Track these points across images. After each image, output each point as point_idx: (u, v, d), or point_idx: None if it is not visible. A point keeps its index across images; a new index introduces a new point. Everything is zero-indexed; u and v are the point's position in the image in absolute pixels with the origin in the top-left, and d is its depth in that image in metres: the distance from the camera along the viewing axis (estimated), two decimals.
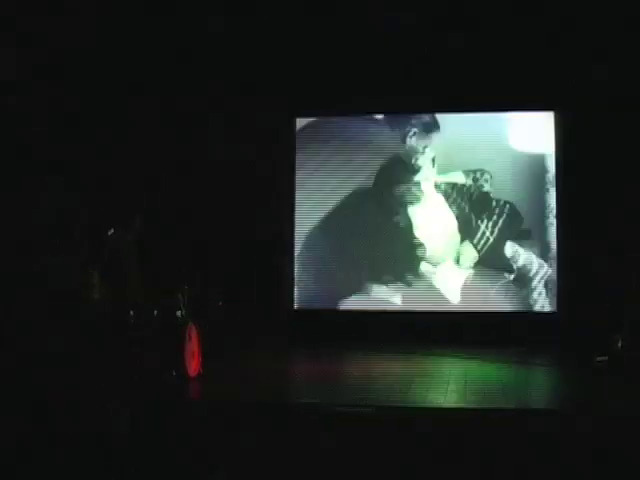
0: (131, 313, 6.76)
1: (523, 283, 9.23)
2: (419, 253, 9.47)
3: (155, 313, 6.84)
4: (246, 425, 5.53)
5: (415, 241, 9.49)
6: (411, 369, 7.45)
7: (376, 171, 9.60)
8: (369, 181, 9.62)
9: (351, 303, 9.55)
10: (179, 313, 6.92)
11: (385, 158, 9.58)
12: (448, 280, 9.38)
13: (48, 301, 7.87)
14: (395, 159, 9.55)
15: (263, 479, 5.30)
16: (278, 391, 6.55)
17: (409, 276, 9.47)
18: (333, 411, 5.67)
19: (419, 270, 9.45)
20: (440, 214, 9.45)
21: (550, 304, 9.15)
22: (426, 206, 9.48)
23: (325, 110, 9.62)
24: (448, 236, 9.42)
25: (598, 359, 7.58)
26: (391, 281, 9.50)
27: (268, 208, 9.46)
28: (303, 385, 6.76)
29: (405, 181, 9.53)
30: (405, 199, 9.52)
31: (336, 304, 9.59)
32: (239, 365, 7.68)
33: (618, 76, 8.69)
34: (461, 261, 9.36)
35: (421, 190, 9.50)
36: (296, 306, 9.69)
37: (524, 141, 9.32)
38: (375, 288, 9.53)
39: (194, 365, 6.88)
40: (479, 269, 9.32)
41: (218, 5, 9.17)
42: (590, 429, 5.29)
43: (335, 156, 9.68)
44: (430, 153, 9.49)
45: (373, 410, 5.67)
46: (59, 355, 6.93)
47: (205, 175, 9.41)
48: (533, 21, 8.83)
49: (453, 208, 9.42)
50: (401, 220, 9.52)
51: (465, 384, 6.74)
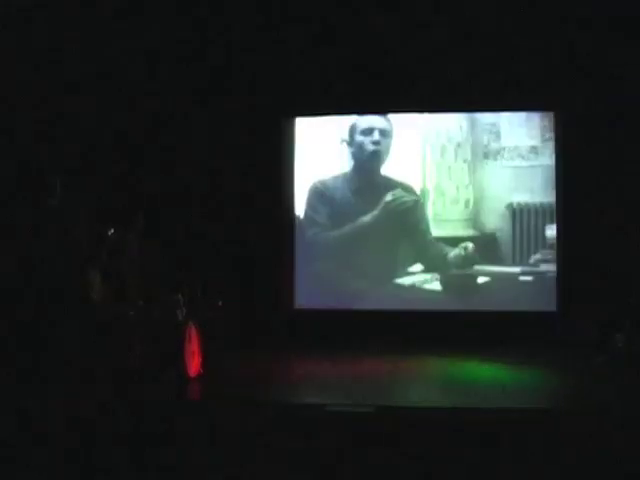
0: (131, 313, 6.76)
1: (523, 283, 9.22)
2: (419, 253, 9.46)
3: (155, 313, 6.85)
4: (246, 425, 5.53)
5: (415, 241, 9.48)
6: (411, 369, 7.44)
7: (377, 171, 9.60)
8: (370, 181, 9.62)
9: (351, 303, 9.55)
10: (179, 313, 6.92)
11: (386, 158, 9.58)
12: (448, 280, 9.37)
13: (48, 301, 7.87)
14: (396, 159, 9.55)
15: (263, 479, 5.31)
16: (278, 391, 6.55)
17: (409, 276, 9.47)
18: (333, 411, 5.67)
19: (419, 270, 9.44)
20: (440, 214, 9.45)
21: (550, 304, 9.14)
22: (426, 206, 9.48)
23: (325, 110, 9.62)
24: (448, 236, 9.41)
25: (598, 359, 7.59)
26: (391, 281, 9.50)
27: (268, 208, 9.46)
28: (303, 385, 6.75)
29: (405, 181, 9.54)
30: (405, 199, 9.51)
31: (336, 304, 9.58)
32: (239, 365, 7.68)
33: (618, 76, 8.70)
34: (461, 261, 9.35)
35: (421, 190, 9.50)
36: (296, 306, 9.69)
37: (524, 141, 9.31)
38: (375, 288, 9.53)
39: (194, 365, 6.88)
40: (479, 268, 9.32)
41: (217, 4, 9.20)
42: (590, 429, 5.30)
43: (335, 156, 9.68)
44: (430, 153, 9.48)
45: (373, 410, 5.67)
46: (59, 355, 6.93)
47: (205, 175, 9.41)
48: (533, 21, 8.83)
49: (453, 208, 9.42)
50: (401, 220, 9.52)
51: (465, 384, 6.73)
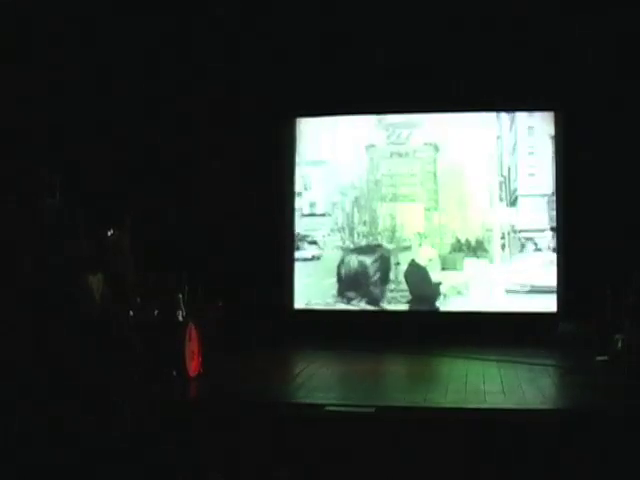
0: (131, 313, 6.76)
1: (523, 282, 9.22)
2: (420, 253, 9.46)
3: (155, 313, 6.85)
4: (246, 425, 5.53)
5: (415, 241, 9.48)
6: (411, 369, 7.45)
7: (377, 171, 9.59)
8: (370, 180, 9.61)
9: (351, 303, 9.55)
10: (179, 313, 6.92)
11: (386, 158, 9.58)
12: (448, 280, 9.37)
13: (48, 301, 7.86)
14: (396, 159, 9.55)
15: (263, 479, 5.31)
16: (278, 391, 6.55)
17: (409, 276, 9.47)
18: (333, 411, 5.67)
19: (419, 270, 9.43)
20: (440, 214, 9.44)
21: (550, 304, 9.13)
22: (426, 206, 9.47)
23: (325, 110, 9.62)
24: (448, 236, 9.41)
25: (598, 359, 7.59)
26: (391, 281, 9.50)
27: (268, 208, 9.46)
28: (303, 385, 6.75)
29: (405, 181, 9.53)
30: (405, 199, 9.51)
31: (336, 304, 9.58)
32: (239, 365, 7.68)
33: (618, 76, 8.70)
34: (461, 260, 9.35)
35: (420, 190, 9.50)
36: (296, 306, 9.69)
37: (524, 140, 9.31)
38: (375, 287, 9.53)
39: (194, 365, 6.88)
40: (479, 268, 9.32)
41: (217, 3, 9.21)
42: (590, 429, 5.30)
43: (336, 156, 9.68)
44: (430, 153, 9.48)
45: (373, 410, 5.67)
46: (59, 356, 6.92)
47: (205, 175, 9.41)
48: (533, 21, 8.83)
49: (453, 207, 9.42)
50: (401, 220, 9.52)
51: (465, 384, 6.73)
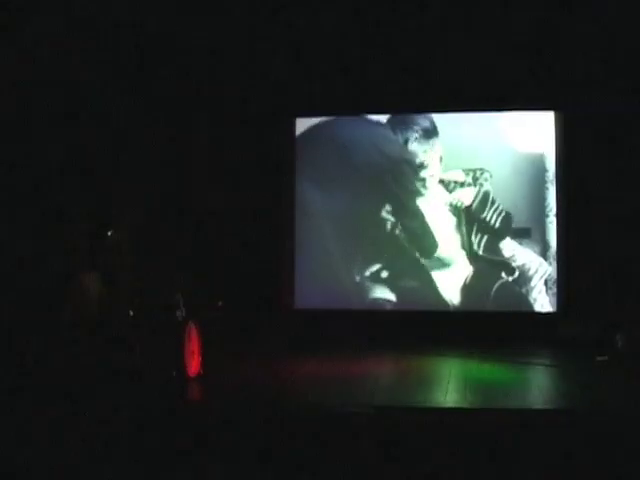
0: (131, 313, 6.76)
1: (523, 282, 9.21)
2: (419, 253, 9.46)
3: (155, 313, 6.84)
4: (246, 425, 5.53)
5: (415, 242, 9.48)
6: (411, 369, 7.44)
7: (377, 172, 9.58)
8: (370, 182, 9.61)
9: (351, 303, 9.55)
10: (179, 313, 6.92)
11: (386, 159, 9.57)
12: (448, 280, 9.37)
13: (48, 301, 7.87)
14: (396, 160, 9.54)
15: (263, 479, 5.31)
16: (278, 391, 6.55)
17: (409, 276, 9.47)
18: (333, 411, 5.67)
19: (419, 270, 9.44)
20: (440, 214, 9.44)
21: (550, 304, 9.14)
22: (426, 206, 9.47)
23: (325, 110, 9.61)
24: (448, 236, 9.41)
25: (598, 359, 7.59)
26: (391, 281, 9.50)
27: (268, 208, 9.46)
28: (303, 385, 6.75)
29: (405, 182, 9.52)
30: (405, 199, 9.51)
31: (336, 304, 9.58)
32: (239, 365, 7.68)
33: (618, 75, 8.69)
34: (461, 261, 9.35)
35: (420, 190, 9.49)
36: (296, 306, 9.68)
37: (524, 140, 9.30)
38: (375, 288, 9.53)
39: (194, 365, 6.87)
40: (479, 268, 9.32)
41: (217, 3, 9.20)
42: (590, 429, 5.30)
43: (336, 157, 9.67)
44: (431, 154, 9.48)
45: (373, 410, 5.67)
46: (59, 355, 6.93)
47: (205, 175, 9.41)
48: (533, 20, 8.83)
49: (453, 207, 9.42)
50: (401, 221, 9.52)
51: (465, 384, 6.73)
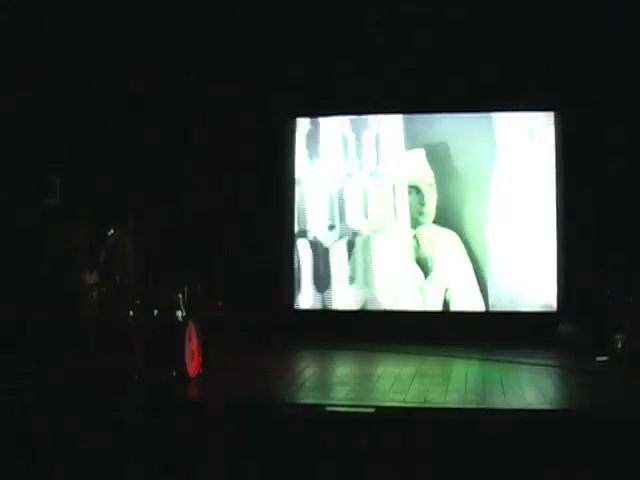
0: (131, 313, 6.76)
1: (523, 282, 9.21)
2: (419, 253, 9.46)
3: (155, 313, 6.85)
4: (246, 425, 5.53)
5: (414, 241, 9.48)
6: (411, 369, 7.44)
7: (376, 171, 9.59)
8: (370, 181, 9.61)
9: (351, 303, 9.56)
10: (179, 313, 6.92)
11: (386, 158, 9.58)
12: (448, 280, 9.37)
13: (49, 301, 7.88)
14: (396, 159, 9.56)
15: (263, 479, 5.31)
16: (278, 391, 6.55)
17: (409, 276, 9.47)
18: (333, 411, 5.67)
19: (419, 270, 9.44)
20: (440, 214, 9.45)
21: (550, 304, 9.13)
22: (426, 206, 9.47)
23: (325, 110, 9.62)
24: (448, 235, 9.41)
25: (598, 359, 7.58)
26: (391, 281, 9.50)
27: (268, 208, 9.46)
28: (303, 385, 6.75)
29: (404, 181, 9.54)
30: (405, 199, 9.52)
31: (336, 304, 9.59)
32: (239, 365, 7.68)
33: (618, 75, 8.70)
34: (461, 261, 9.35)
35: (420, 189, 9.50)
36: (296, 306, 9.69)
37: (524, 140, 9.30)
38: (375, 287, 9.53)
39: (194, 365, 6.88)
40: (479, 268, 9.32)
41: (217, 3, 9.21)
42: (590, 429, 5.30)
43: (335, 156, 9.68)
44: (429, 153, 9.48)
45: (373, 410, 5.67)
46: (59, 355, 6.94)
47: (205, 175, 9.41)
48: (533, 20, 8.83)
49: (453, 207, 9.42)
50: (401, 220, 9.52)
51: (465, 384, 6.73)
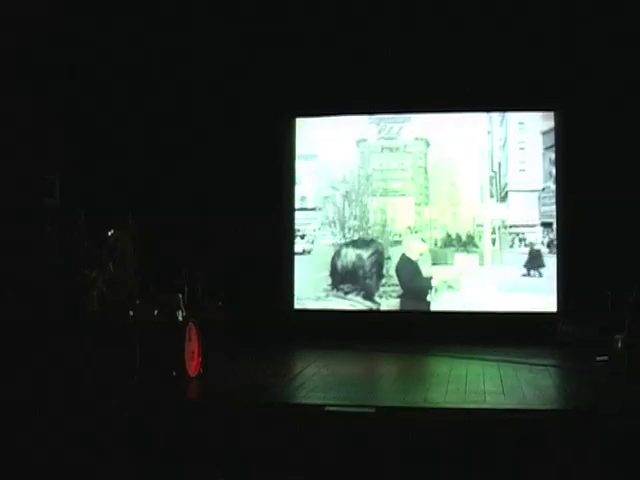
0: (131, 313, 6.76)
1: (523, 282, 9.21)
2: (419, 253, 9.46)
3: (155, 313, 6.85)
4: (246, 425, 5.53)
5: (415, 241, 9.48)
6: (411, 369, 7.44)
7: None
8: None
9: (351, 303, 9.55)
10: (179, 313, 6.92)
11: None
12: (448, 280, 9.37)
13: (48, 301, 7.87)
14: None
15: (263, 479, 5.31)
16: (278, 391, 6.55)
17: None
18: (333, 411, 5.66)
19: (419, 270, 9.44)
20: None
21: (550, 304, 9.13)
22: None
23: (325, 110, 9.61)
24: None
25: (598, 359, 7.58)
26: (391, 280, 9.50)
27: (268, 207, 9.46)
28: (303, 385, 6.75)
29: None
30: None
31: (336, 304, 9.59)
32: (239, 365, 7.68)
33: (618, 75, 8.70)
34: (461, 261, 9.35)
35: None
36: (296, 306, 9.69)
37: (524, 140, 9.30)
38: (375, 287, 9.53)
39: (194, 365, 6.88)
40: (479, 268, 9.32)
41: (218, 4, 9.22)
42: (590, 429, 5.30)
43: (335, 156, 9.68)
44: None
45: (373, 410, 5.67)
46: (59, 355, 6.93)
47: (205, 175, 9.41)
48: (533, 20, 8.83)
49: (453, 207, 9.42)
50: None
51: (465, 384, 6.73)
